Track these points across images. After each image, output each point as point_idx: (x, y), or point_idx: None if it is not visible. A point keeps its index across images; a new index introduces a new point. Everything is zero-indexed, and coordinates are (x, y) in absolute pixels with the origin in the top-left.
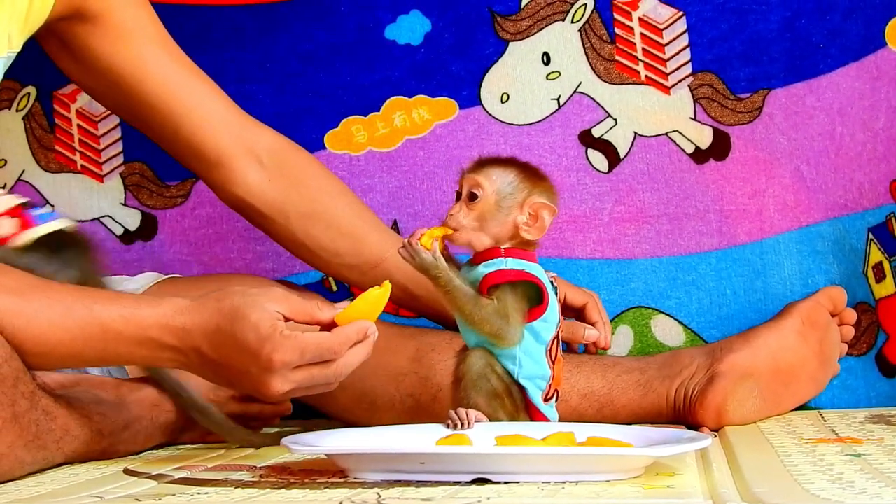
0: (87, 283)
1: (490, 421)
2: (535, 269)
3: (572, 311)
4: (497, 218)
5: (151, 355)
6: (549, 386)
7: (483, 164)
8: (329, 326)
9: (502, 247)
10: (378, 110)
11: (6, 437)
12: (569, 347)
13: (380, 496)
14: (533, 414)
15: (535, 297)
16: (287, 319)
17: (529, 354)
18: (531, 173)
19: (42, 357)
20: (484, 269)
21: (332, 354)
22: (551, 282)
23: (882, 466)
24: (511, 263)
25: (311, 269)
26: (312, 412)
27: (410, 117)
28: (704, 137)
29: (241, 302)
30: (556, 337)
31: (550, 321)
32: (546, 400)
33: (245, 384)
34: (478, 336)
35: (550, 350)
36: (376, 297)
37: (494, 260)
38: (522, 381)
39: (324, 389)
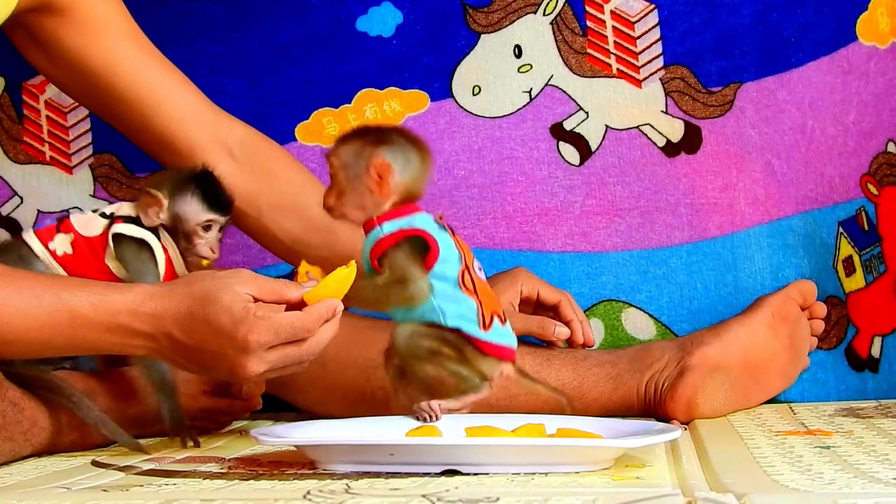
0: None
1: (448, 385)
2: (412, 221)
3: (546, 310)
4: (353, 191)
5: (122, 342)
6: (481, 313)
7: (335, 142)
8: (297, 305)
9: (376, 215)
10: (349, 102)
11: None
12: (549, 344)
13: (349, 487)
14: (483, 348)
15: (424, 245)
16: (257, 300)
17: (444, 297)
18: (374, 136)
19: (10, 345)
20: (366, 245)
21: (306, 333)
22: (438, 221)
23: (851, 458)
24: (386, 228)
25: (281, 262)
26: (283, 405)
27: (382, 109)
28: (676, 131)
29: (212, 285)
30: (466, 268)
31: (449, 258)
32: (487, 326)
33: (220, 367)
34: (402, 312)
35: (464, 281)
36: (344, 276)
37: (371, 232)
38: (452, 324)
39: (296, 369)
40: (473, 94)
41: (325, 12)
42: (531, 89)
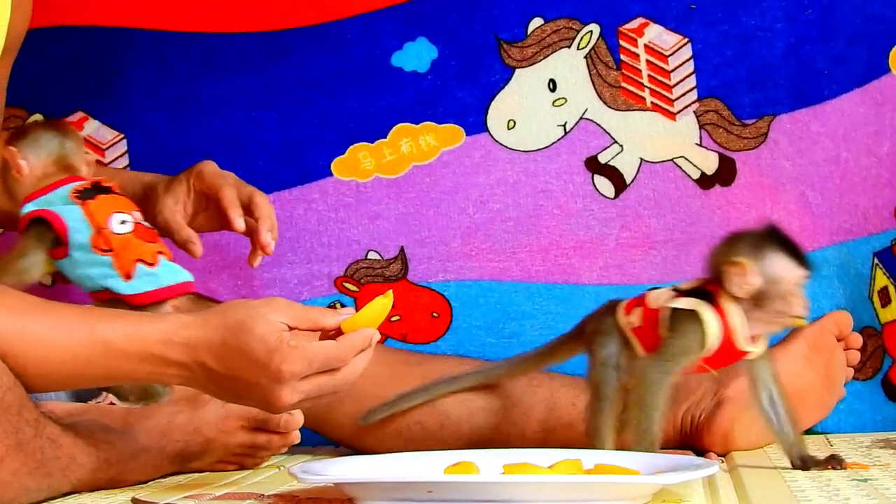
0: None
1: None
2: (47, 199)
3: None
4: (12, 189)
5: (156, 371)
6: (119, 266)
7: None
8: (333, 333)
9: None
10: (385, 137)
11: (10, 464)
12: None
13: None
14: (132, 301)
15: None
16: (291, 329)
17: (86, 264)
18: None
19: (46, 378)
20: None
21: (339, 363)
22: (72, 194)
23: (888, 492)
24: (24, 210)
25: (318, 296)
26: (320, 440)
27: (417, 144)
28: (710, 163)
29: (245, 314)
30: (99, 230)
31: (79, 227)
32: (129, 276)
33: (253, 396)
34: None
35: (96, 244)
36: (382, 306)
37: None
38: (101, 285)
39: (330, 399)
40: (508, 128)
41: (360, 47)
42: (566, 123)
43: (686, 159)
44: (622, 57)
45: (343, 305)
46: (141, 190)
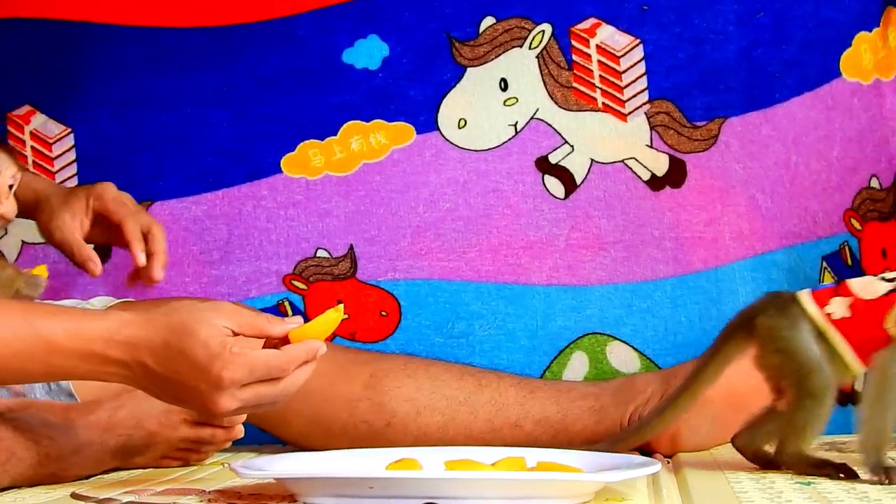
0: None
1: None
2: None
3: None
4: None
5: (96, 369)
6: None
7: None
8: (278, 342)
9: None
10: (335, 134)
11: None
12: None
13: None
14: None
15: None
16: (236, 334)
17: None
18: None
19: None
20: None
21: (281, 373)
22: None
23: (831, 495)
24: None
25: (266, 294)
26: (266, 437)
27: (367, 142)
28: (660, 165)
29: (190, 317)
30: None
31: None
32: None
33: (192, 401)
34: None
35: None
36: (332, 320)
37: None
38: None
39: (269, 409)
40: (459, 127)
41: (311, 44)
42: (517, 122)
43: (637, 160)
44: (574, 57)
45: (291, 303)
46: (32, 197)
